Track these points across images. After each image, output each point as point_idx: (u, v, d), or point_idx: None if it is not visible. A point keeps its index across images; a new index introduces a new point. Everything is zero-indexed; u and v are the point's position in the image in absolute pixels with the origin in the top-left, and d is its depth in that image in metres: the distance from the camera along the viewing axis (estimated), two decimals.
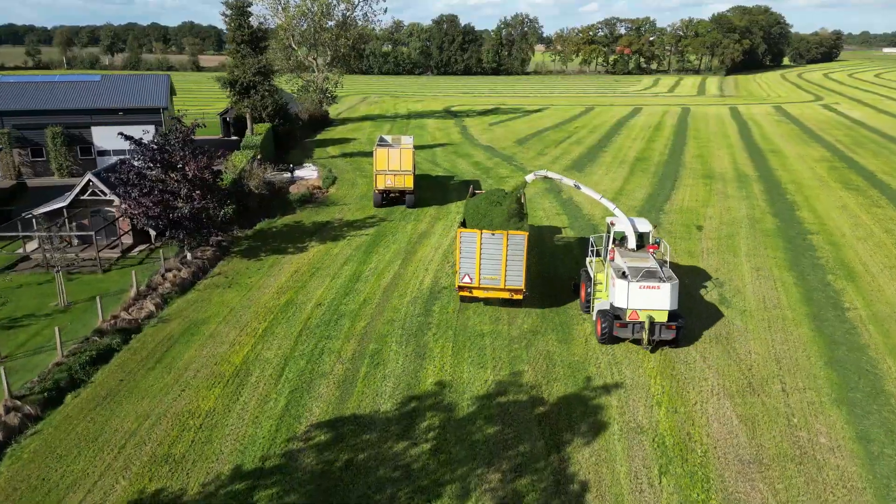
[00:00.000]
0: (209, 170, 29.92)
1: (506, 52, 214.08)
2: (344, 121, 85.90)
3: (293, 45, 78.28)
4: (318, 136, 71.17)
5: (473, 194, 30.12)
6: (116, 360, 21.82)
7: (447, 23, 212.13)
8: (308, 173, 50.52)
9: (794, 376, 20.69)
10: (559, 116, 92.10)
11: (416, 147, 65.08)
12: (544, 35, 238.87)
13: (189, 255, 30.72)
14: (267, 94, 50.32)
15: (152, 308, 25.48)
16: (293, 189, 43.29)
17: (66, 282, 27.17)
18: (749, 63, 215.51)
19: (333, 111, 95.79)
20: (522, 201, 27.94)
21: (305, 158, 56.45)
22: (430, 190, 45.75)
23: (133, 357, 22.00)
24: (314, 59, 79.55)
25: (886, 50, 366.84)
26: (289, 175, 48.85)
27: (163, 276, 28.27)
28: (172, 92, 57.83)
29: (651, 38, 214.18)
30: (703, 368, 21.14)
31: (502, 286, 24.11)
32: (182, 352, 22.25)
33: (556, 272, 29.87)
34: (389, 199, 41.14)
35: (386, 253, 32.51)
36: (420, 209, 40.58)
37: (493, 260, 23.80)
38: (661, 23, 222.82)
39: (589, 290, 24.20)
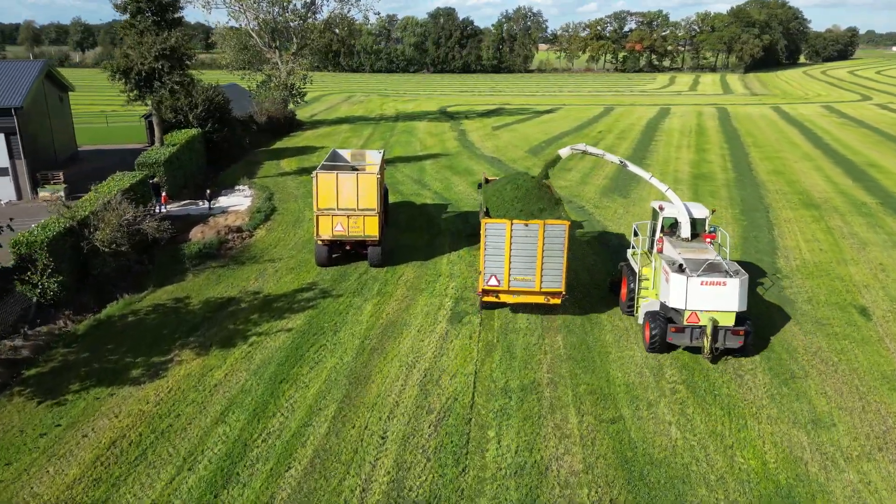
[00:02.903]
0: None
1: (507, 48, 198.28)
2: (316, 124, 70.40)
3: (250, 32, 63.07)
4: (277, 144, 55.71)
5: (486, 181, 25.59)
6: None
7: (444, 17, 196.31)
8: (237, 201, 35.14)
9: None
10: (575, 118, 76.73)
11: (399, 160, 49.50)
12: (549, 31, 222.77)
13: None
14: (178, 87, 34.89)
15: None
16: (196, 234, 27.86)
17: None
18: (767, 60, 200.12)
19: (308, 112, 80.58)
20: (549, 183, 23.50)
21: (242, 177, 40.99)
22: (411, 231, 30.43)
23: None
24: (276, 48, 64.19)
25: None
26: (206, 205, 33.49)
27: None
28: (64, 88, 42.50)
29: (664, 34, 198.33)
30: None
31: (537, 289, 20.16)
32: None
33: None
34: (344, 251, 25.89)
35: (313, 381, 17.16)
36: (391, 269, 25.28)
37: (526, 257, 19.86)
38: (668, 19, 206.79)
39: (632, 287, 20.67)
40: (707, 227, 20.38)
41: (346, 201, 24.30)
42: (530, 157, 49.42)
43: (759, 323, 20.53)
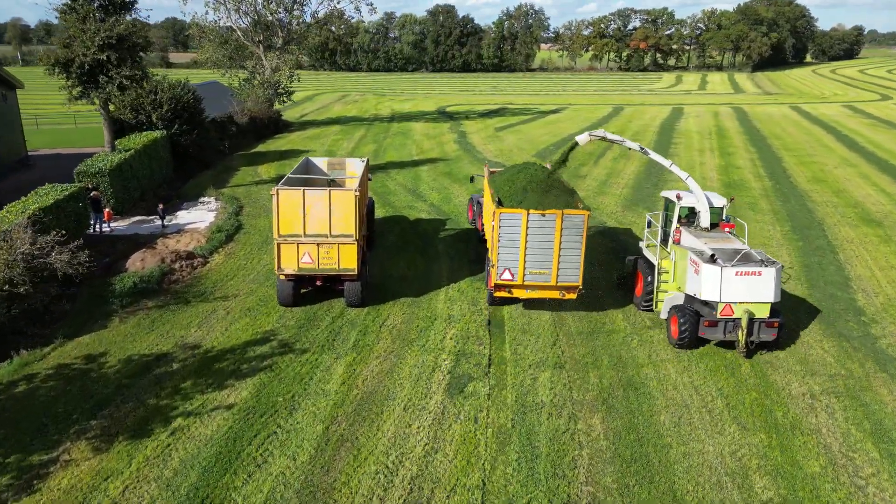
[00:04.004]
0: None
1: (508, 46, 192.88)
2: (305, 125, 65.17)
3: (231, 25, 57.91)
4: (259, 148, 50.46)
5: (492, 174, 23.79)
6: None
7: (443, 15, 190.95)
8: (198, 217, 29.90)
9: None
10: (584, 119, 71.56)
11: (392, 165, 43.75)
12: (550, 29, 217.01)
13: None
14: (128, 82, 29.65)
15: None
16: (134, 262, 22.57)
17: None
18: (773, 59, 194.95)
19: (298, 112, 75.45)
20: (559, 175, 21.52)
21: (209, 187, 35.74)
22: (402, 255, 25.20)
23: None
24: (260, 42, 58.97)
25: None
26: (159, 222, 28.27)
27: None
28: (10, 86, 37.31)
29: (669, 32, 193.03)
30: None
31: (553, 283, 18.75)
32: None
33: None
34: (315, 286, 20.64)
35: (249, 499, 11.92)
36: (373, 310, 20.05)
37: (542, 249, 18.40)
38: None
39: (649, 280, 19.34)
40: (723, 217, 19.63)
41: (315, 225, 19.07)
42: (538, 162, 44.12)
43: (861, 393, 15.37)
